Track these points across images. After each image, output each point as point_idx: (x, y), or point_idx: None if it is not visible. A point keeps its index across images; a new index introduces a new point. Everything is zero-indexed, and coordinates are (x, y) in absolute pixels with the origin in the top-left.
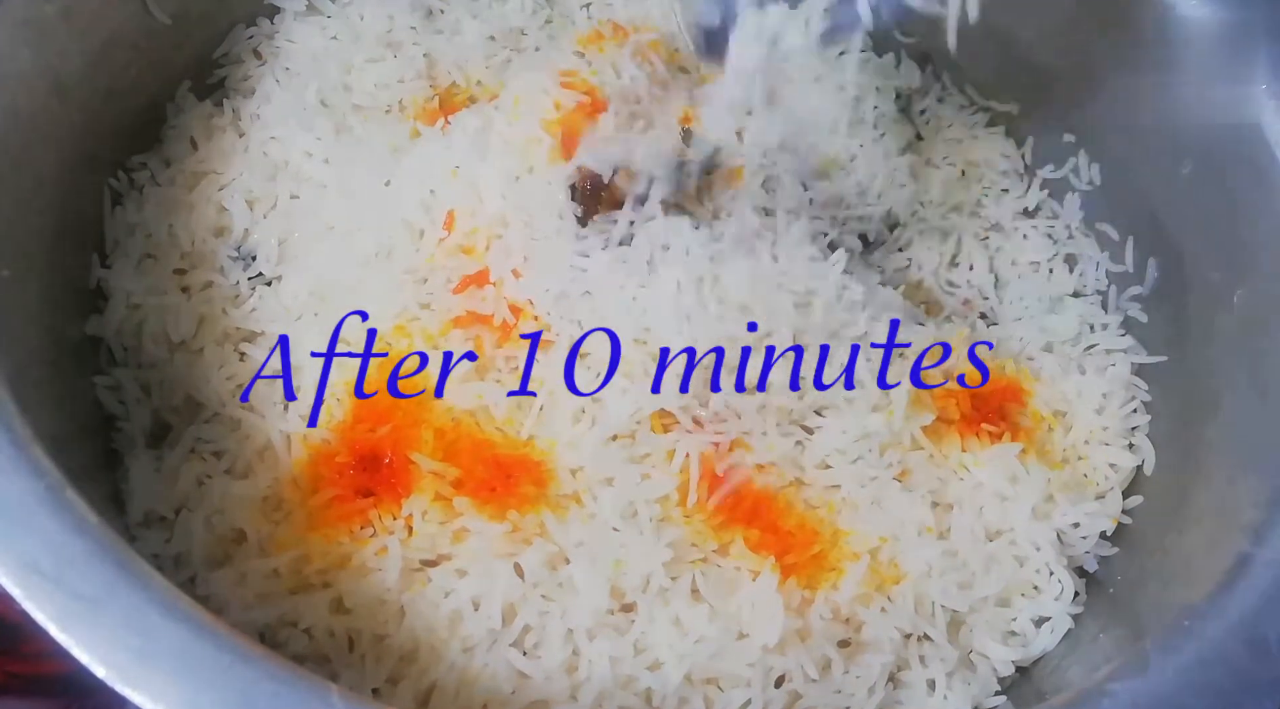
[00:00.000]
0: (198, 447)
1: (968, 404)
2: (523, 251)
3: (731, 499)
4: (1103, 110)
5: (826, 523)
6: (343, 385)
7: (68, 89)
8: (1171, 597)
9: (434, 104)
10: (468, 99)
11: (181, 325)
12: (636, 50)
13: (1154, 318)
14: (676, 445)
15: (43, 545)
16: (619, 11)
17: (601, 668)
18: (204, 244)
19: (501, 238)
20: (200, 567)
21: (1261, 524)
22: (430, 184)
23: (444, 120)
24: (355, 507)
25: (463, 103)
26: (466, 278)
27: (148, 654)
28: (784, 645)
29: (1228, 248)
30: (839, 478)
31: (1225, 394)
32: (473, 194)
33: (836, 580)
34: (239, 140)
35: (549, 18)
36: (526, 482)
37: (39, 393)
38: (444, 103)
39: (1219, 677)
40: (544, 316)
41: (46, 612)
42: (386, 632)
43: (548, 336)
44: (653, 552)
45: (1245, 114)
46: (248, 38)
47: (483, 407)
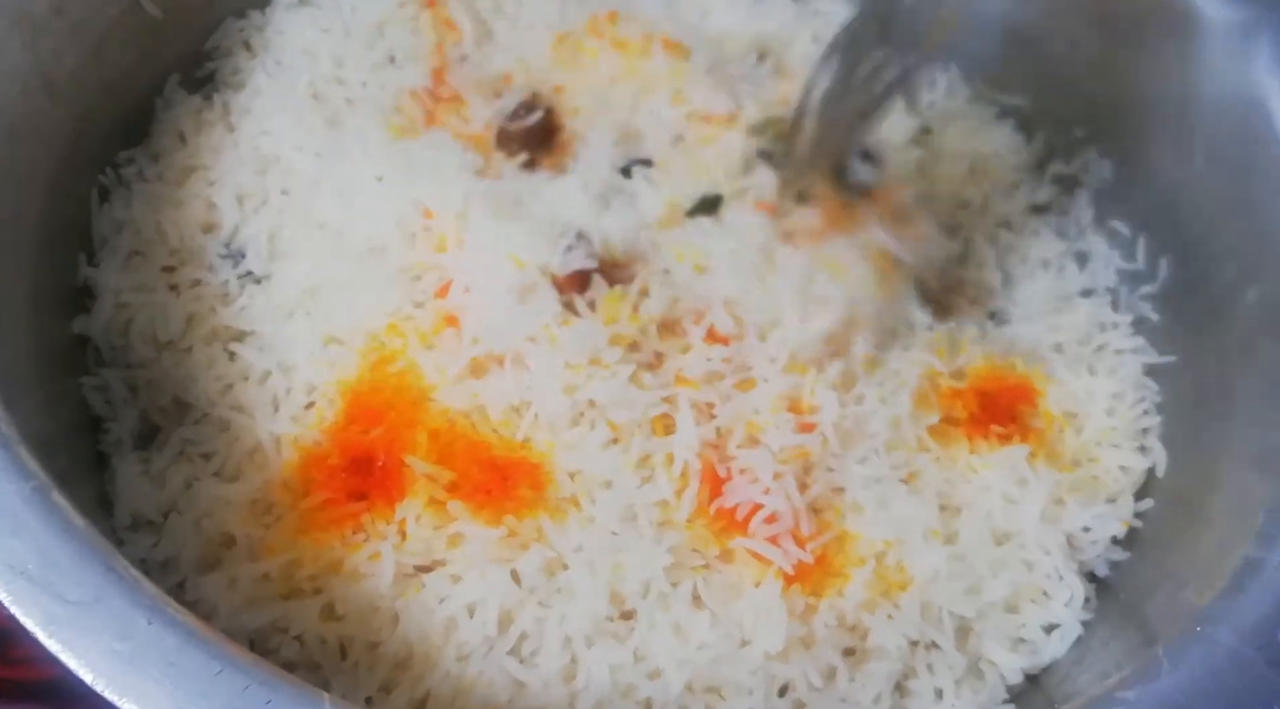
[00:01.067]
0: (186, 448)
1: (975, 405)
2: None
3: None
4: (1114, 105)
5: (833, 526)
6: (334, 385)
7: (58, 85)
8: (1183, 601)
9: (426, 97)
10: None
11: (170, 324)
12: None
13: (1166, 317)
14: (674, 448)
15: (29, 549)
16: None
17: (600, 676)
18: (193, 241)
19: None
20: (189, 571)
21: (1274, 527)
22: (421, 182)
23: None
24: (347, 510)
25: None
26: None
27: (136, 660)
28: (787, 653)
29: (1241, 245)
30: (844, 479)
31: (1238, 395)
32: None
33: (842, 586)
34: (229, 135)
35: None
36: (524, 484)
37: (26, 393)
38: (437, 95)
39: (1232, 683)
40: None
41: (33, 616)
42: (379, 639)
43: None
44: (653, 557)
45: (1260, 110)
46: (238, 30)
47: (478, 407)
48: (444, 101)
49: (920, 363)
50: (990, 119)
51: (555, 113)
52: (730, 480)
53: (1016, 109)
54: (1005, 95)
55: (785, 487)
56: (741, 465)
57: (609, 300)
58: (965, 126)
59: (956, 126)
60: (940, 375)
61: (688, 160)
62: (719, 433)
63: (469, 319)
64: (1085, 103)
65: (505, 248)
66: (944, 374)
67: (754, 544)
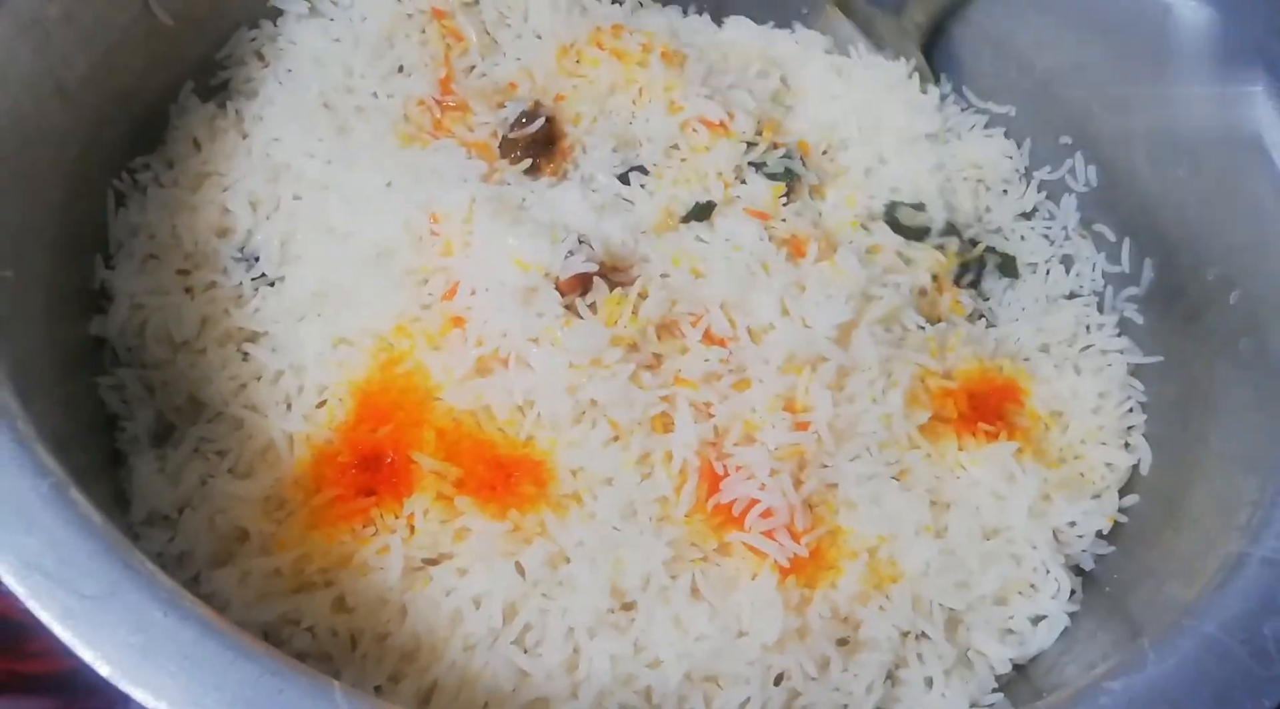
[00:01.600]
0: (201, 446)
1: (965, 403)
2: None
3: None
4: (1099, 112)
5: (826, 521)
6: (345, 385)
7: (71, 91)
8: (1168, 595)
9: (434, 105)
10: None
11: (184, 326)
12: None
13: (1150, 318)
14: (673, 446)
15: (46, 544)
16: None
17: (601, 666)
18: (207, 245)
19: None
20: (203, 565)
21: (1257, 523)
22: (428, 188)
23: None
24: (357, 506)
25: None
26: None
27: (151, 652)
28: (783, 644)
29: (1224, 248)
30: (838, 476)
31: (1221, 394)
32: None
33: (835, 579)
34: (242, 142)
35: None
36: (527, 481)
37: (43, 393)
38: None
39: (1216, 675)
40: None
41: (50, 610)
42: (388, 630)
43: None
44: (652, 551)
45: (1241, 115)
46: (250, 39)
47: (484, 407)
48: (450, 110)
49: (912, 362)
50: (980, 127)
51: (556, 121)
52: (727, 477)
53: (1005, 118)
54: (994, 104)
55: (781, 483)
56: (738, 462)
57: (609, 303)
58: (957, 135)
59: (947, 135)
60: (932, 375)
61: (682, 168)
62: (717, 431)
63: (474, 321)
64: (1071, 111)
65: (509, 251)
66: (936, 373)
67: (750, 538)
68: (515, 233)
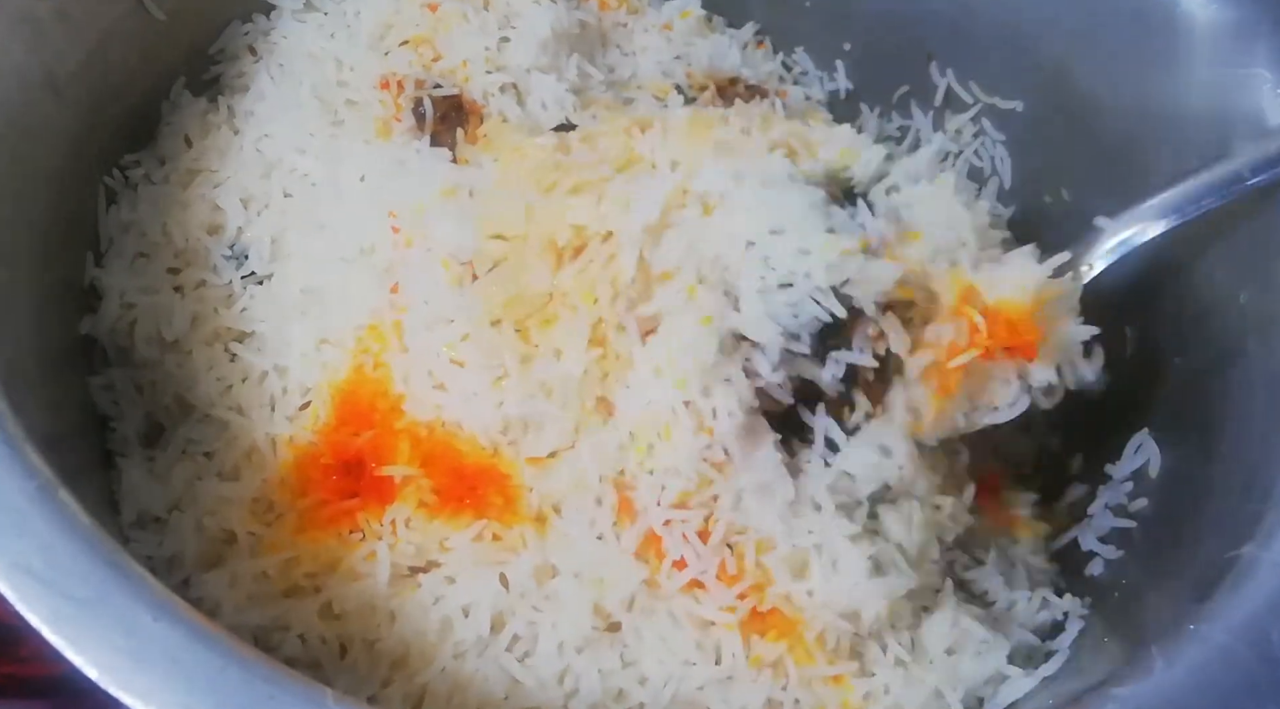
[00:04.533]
0: (189, 448)
1: None
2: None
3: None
4: (1106, 109)
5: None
6: (326, 388)
7: (62, 86)
8: (1176, 600)
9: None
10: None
11: (174, 324)
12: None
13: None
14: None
15: (35, 547)
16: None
17: (591, 681)
18: (198, 242)
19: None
20: (193, 568)
21: (1266, 526)
22: (391, 182)
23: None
24: (342, 508)
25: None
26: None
27: (141, 656)
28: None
29: (1233, 246)
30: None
31: (1231, 395)
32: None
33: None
34: (233, 138)
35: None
36: (493, 491)
37: (32, 393)
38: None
39: (1224, 680)
40: None
41: (39, 613)
42: (377, 636)
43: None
44: (632, 572)
45: (1250, 109)
46: (243, 34)
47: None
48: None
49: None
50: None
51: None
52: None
53: (1011, 113)
54: (1000, 98)
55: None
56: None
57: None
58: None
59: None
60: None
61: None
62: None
63: (408, 326)
64: (1077, 104)
65: (441, 248)
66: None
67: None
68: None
